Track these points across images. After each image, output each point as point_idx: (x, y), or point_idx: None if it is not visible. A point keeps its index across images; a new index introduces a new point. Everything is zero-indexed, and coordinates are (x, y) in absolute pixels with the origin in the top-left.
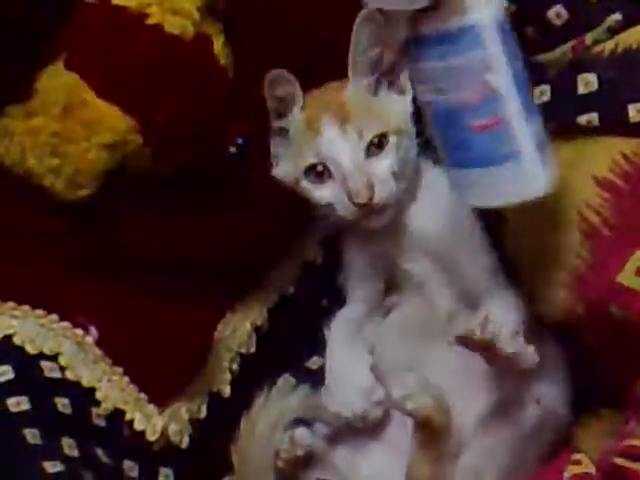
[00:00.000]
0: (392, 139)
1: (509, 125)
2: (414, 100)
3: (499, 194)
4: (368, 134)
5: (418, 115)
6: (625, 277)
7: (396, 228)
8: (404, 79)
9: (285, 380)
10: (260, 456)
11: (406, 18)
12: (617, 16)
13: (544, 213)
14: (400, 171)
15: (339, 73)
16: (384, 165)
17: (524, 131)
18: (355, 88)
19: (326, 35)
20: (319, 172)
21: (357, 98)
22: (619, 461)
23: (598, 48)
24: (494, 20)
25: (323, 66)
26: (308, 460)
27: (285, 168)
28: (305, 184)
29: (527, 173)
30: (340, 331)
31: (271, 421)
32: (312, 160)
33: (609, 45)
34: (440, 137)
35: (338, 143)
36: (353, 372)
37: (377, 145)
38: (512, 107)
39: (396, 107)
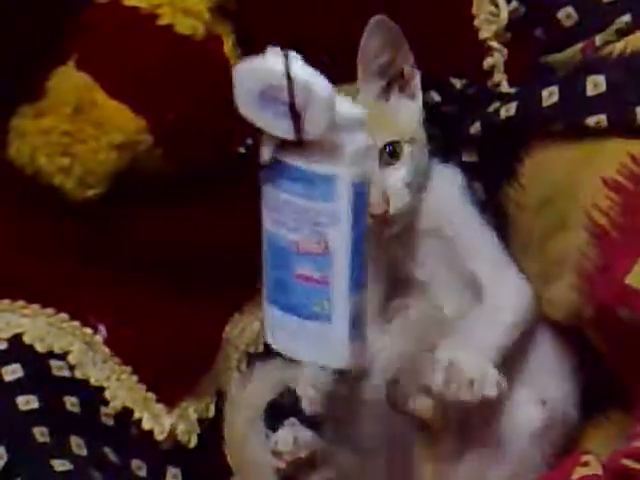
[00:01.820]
0: (406, 149)
1: (330, 288)
2: (424, 105)
3: (302, 348)
4: (381, 142)
5: (428, 120)
6: (633, 278)
7: (402, 232)
8: (415, 83)
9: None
10: (247, 449)
11: (273, 140)
12: (627, 18)
13: (552, 214)
14: (414, 181)
15: (350, 75)
16: (399, 176)
17: (343, 300)
18: (366, 94)
19: (337, 36)
20: None
21: (368, 104)
22: (627, 463)
23: (607, 50)
24: (355, 180)
25: (334, 67)
26: (311, 461)
27: None
28: None
29: (331, 341)
30: None
31: (246, 409)
32: None
33: (618, 47)
34: (268, 270)
35: None
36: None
37: (391, 154)
38: (340, 273)
39: (407, 113)
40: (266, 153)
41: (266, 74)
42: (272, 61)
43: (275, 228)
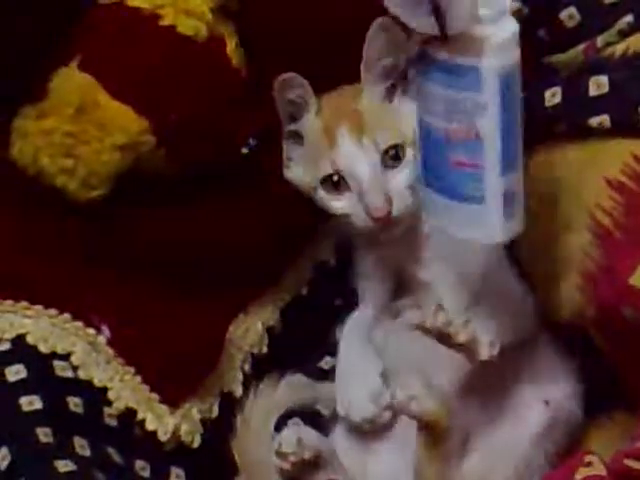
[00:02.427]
0: (409, 152)
1: (482, 172)
2: None
3: (457, 228)
4: (384, 145)
5: None
6: (637, 279)
7: (407, 233)
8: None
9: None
10: (259, 448)
11: (414, 42)
12: (629, 18)
13: (556, 214)
14: (416, 183)
15: (353, 75)
16: (401, 179)
17: (495, 183)
18: (370, 96)
19: (340, 36)
20: (335, 182)
21: (372, 106)
22: (630, 463)
23: (610, 50)
24: (501, 69)
25: (337, 67)
26: (315, 462)
27: (299, 172)
28: (321, 194)
29: (485, 220)
30: (351, 334)
31: (263, 413)
32: (328, 171)
33: (620, 47)
34: (422, 155)
35: (355, 155)
36: (363, 376)
37: (393, 157)
38: (491, 157)
39: (411, 115)
40: (415, 45)
41: None
42: None
43: (427, 117)
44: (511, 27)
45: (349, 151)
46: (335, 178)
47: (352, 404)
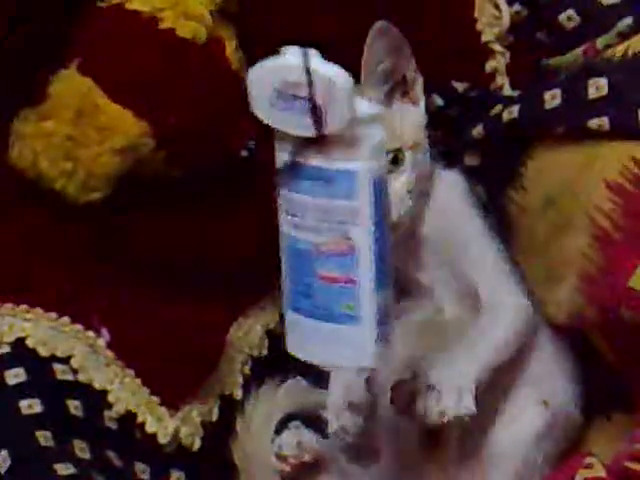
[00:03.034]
0: (408, 156)
1: (356, 288)
2: (427, 109)
3: (327, 353)
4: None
5: (430, 124)
6: (636, 281)
7: (407, 237)
8: (418, 89)
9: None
10: (259, 451)
11: (290, 142)
12: (628, 20)
13: (554, 217)
14: (416, 187)
15: (354, 79)
16: (401, 183)
17: (369, 298)
18: (369, 100)
19: (339, 40)
20: None
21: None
22: (630, 465)
23: (609, 52)
24: (374, 175)
25: None
26: (315, 464)
27: None
28: None
29: (358, 342)
30: None
31: (264, 416)
32: None
33: (620, 49)
34: (288, 275)
35: None
36: (345, 385)
37: (392, 161)
38: (365, 270)
39: (410, 119)
40: (282, 157)
41: (284, 71)
42: (290, 57)
43: (295, 232)
44: (381, 132)
45: None
46: None
47: (332, 412)
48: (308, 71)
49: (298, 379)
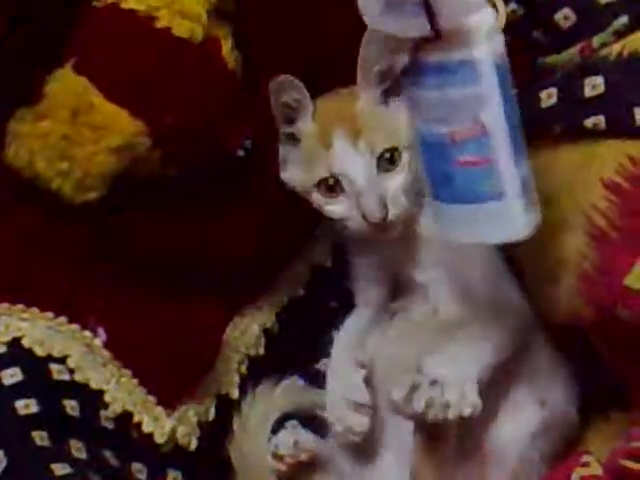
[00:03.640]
0: (405, 155)
1: (496, 165)
2: None
3: (477, 232)
4: (379, 148)
5: None
6: (632, 280)
7: (403, 236)
8: None
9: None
10: (256, 451)
11: (409, 43)
12: (624, 19)
13: (551, 216)
14: (412, 187)
15: (349, 78)
16: (397, 182)
17: (510, 173)
18: (366, 99)
19: (336, 39)
20: (331, 186)
21: (368, 110)
22: (627, 463)
23: (605, 51)
24: (494, 58)
25: (333, 70)
26: (312, 464)
27: (295, 175)
28: (317, 197)
29: (508, 216)
30: (342, 342)
31: (260, 416)
32: (324, 174)
33: (616, 48)
34: (426, 168)
35: (350, 159)
36: (345, 386)
37: (389, 160)
38: (501, 148)
39: (406, 118)
40: (402, 59)
41: None
42: None
43: (426, 126)
44: (492, 14)
45: (344, 155)
46: (330, 181)
47: (335, 414)
48: None
49: (294, 379)
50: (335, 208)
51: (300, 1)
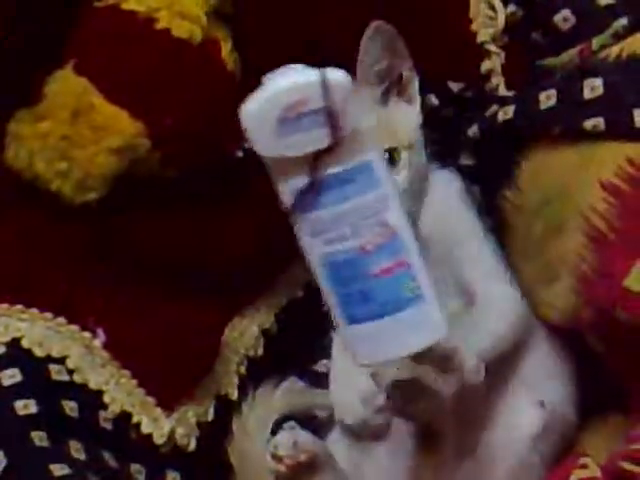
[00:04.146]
0: (404, 156)
1: (412, 265)
2: (422, 108)
3: (399, 345)
4: (379, 148)
5: (426, 125)
6: (631, 281)
7: None
8: (413, 88)
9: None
10: (255, 452)
11: (303, 165)
12: (623, 21)
13: (549, 217)
14: (412, 187)
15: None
16: (396, 182)
17: (423, 271)
18: (364, 99)
19: (335, 39)
20: None
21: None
22: (625, 465)
23: (604, 53)
24: (383, 156)
25: None
26: (311, 465)
27: None
28: None
29: (430, 318)
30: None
31: (260, 418)
32: None
33: (615, 50)
34: (337, 294)
35: None
36: (354, 379)
37: (388, 160)
38: (411, 246)
39: (406, 118)
40: (292, 186)
41: (282, 95)
42: (283, 80)
43: (333, 247)
44: (369, 114)
45: None
46: None
47: (345, 407)
48: (323, 83)
49: (293, 380)
50: None
51: (299, 2)
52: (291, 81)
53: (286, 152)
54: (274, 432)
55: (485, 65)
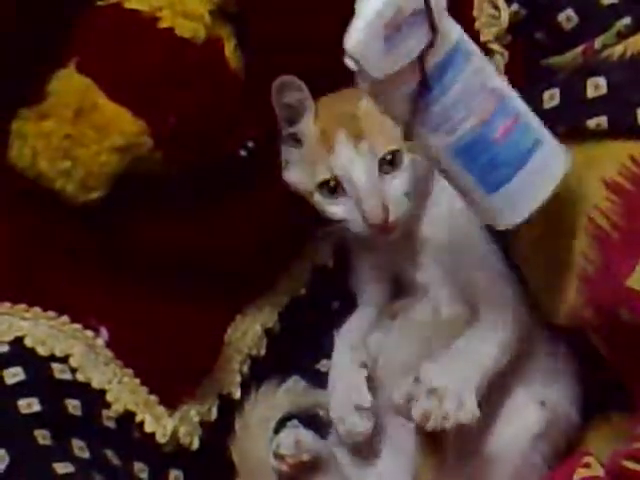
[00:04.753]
0: (407, 158)
1: (523, 117)
2: None
3: (539, 190)
4: (381, 150)
5: None
6: (634, 281)
7: (405, 237)
8: None
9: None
10: (258, 452)
11: (412, 69)
12: (627, 20)
13: (553, 217)
14: (414, 189)
15: (352, 79)
16: (398, 185)
17: (533, 118)
18: (368, 100)
19: (339, 39)
20: (332, 187)
21: (370, 111)
22: (627, 464)
23: (607, 52)
24: (461, 30)
25: (335, 71)
26: (314, 464)
27: (297, 175)
28: (318, 198)
29: (553, 157)
30: (344, 343)
31: (262, 417)
32: (325, 176)
33: (618, 49)
34: (469, 177)
35: (352, 161)
36: (347, 386)
37: (391, 162)
38: (514, 99)
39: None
40: (406, 90)
41: (388, 5)
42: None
43: (454, 135)
44: None
45: (346, 157)
46: (332, 183)
47: (338, 414)
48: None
49: (296, 379)
50: (336, 210)
51: (301, 2)
52: None
53: (400, 64)
54: (277, 431)
55: None
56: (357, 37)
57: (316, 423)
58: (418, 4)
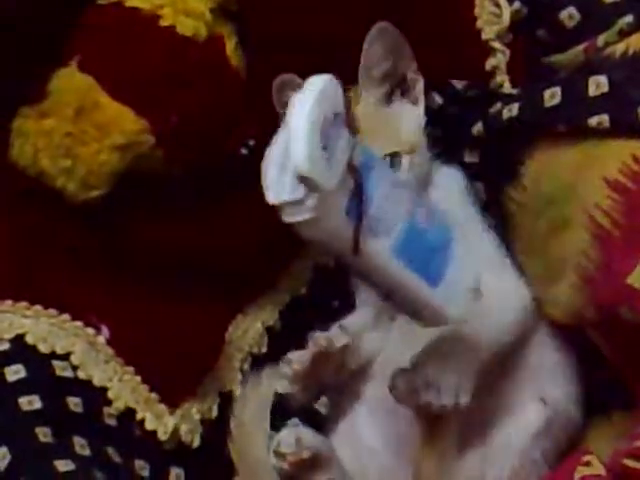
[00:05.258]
0: (405, 160)
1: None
2: (426, 106)
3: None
4: (380, 152)
5: (430, 123)
6: (635, 279)
7: None
8: (418, 89)
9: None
10: (255, 448)
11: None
12: (629, 18)
13: (554, 214)
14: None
15: (352, 78)
16: None
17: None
18: (367, 100)
19: (339, 38)
20: None
21: (369, 112)
22: (628, 462)
23: (609, 50)
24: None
25: (336, 70)
26: (314, 462)
27: None
28: None
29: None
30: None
31: (255, 411)
32: None
33: (620, 47)
34: (409, 274)
35: None
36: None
37: (390, 164)
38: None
39: (409, 119)
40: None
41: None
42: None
43: (390, 234)
44: None
45: None
46: None
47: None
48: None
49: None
50: None
51: (302, 1)
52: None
53: (341, 167)
54: (277, 428)
55: (490, 63)
56: (303, 153)
57: (317, 421)
58: (337, 108)
